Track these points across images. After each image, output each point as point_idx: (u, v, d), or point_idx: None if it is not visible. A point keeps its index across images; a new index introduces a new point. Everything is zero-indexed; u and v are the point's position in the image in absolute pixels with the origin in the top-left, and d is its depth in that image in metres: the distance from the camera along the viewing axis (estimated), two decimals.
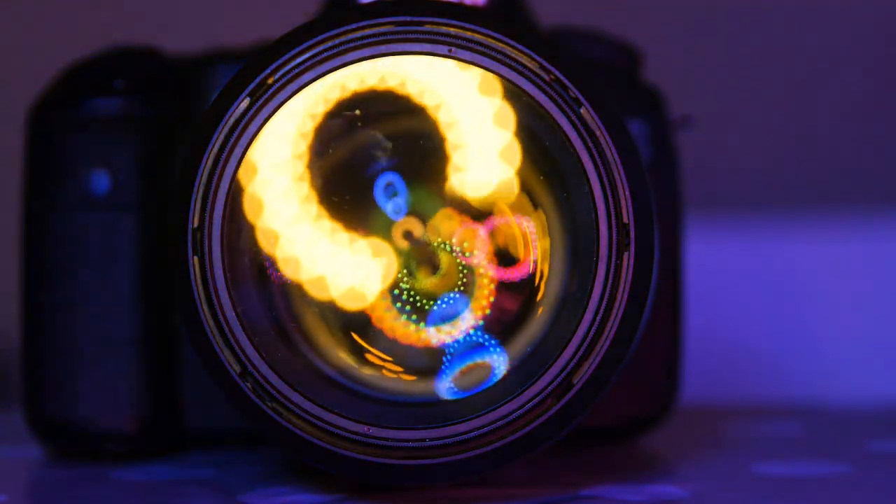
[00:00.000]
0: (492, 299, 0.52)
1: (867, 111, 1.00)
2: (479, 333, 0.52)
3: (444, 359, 0.51)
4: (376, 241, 0.52)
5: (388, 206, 0.52)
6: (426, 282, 0.52)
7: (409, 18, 0.50)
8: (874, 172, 1.00)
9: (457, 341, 0.51)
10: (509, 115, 0.51)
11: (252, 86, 0.50)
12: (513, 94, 0.50)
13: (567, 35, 0.62)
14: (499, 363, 0.51)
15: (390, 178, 0.52)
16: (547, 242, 0.52)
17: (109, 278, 0.57)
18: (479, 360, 0.51)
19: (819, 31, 1.00)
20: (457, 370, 0.51)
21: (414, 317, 0.51)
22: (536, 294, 0.52)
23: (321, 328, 0.52)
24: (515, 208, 0.52)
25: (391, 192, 0.52)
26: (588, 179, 0.49)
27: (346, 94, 0.51)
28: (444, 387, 0.51)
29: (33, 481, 0.58)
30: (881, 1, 1.01)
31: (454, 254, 0.51)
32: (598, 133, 0.49)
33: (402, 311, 0.51)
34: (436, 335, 0.51)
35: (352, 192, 0.52)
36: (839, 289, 0.96)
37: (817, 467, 0.58)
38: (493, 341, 0.51)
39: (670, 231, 0.60)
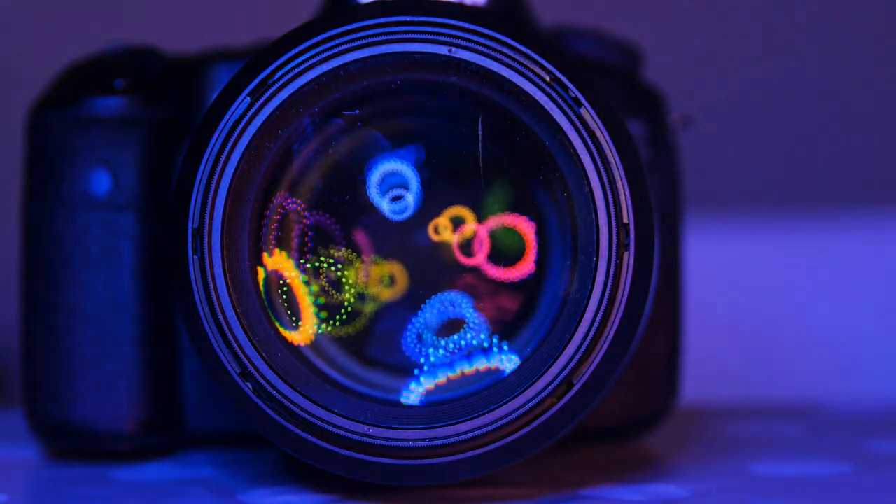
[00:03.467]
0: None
1: (868, 110, 1.00)
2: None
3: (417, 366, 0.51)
4: None
5: (385, 205, 0.52)
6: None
7: (409, 18, 0.50)
8: (875, 172, 1.00)
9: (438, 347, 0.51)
10: None
11: (252, 86, 0.50)
12: None
13: (567, 35, 0.62)
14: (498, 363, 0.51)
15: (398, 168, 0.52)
16: (547, 242, 0.52)
17: (109, 278, 0.57)
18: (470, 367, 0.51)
19: (820, 31, 1.00)
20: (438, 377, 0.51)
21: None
22: (536, 294, 0.52)
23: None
24: (515, 208, 0.52)
25: (395, 187, 0.52)
26: (588, 179, 0.49)
27: None
28: (415, 395, 0.51)
29: (33, 481, 0.58)
30: (880, 3, 1.01)
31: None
32: (598, 133, 0.49)
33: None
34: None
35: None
36: (839, 289, 0.96)
37: (817, 467, 0.58)
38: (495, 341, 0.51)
39: (670, 231, 0.60)
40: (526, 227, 0.52)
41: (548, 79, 0.49)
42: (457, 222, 0.52)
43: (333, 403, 0.50)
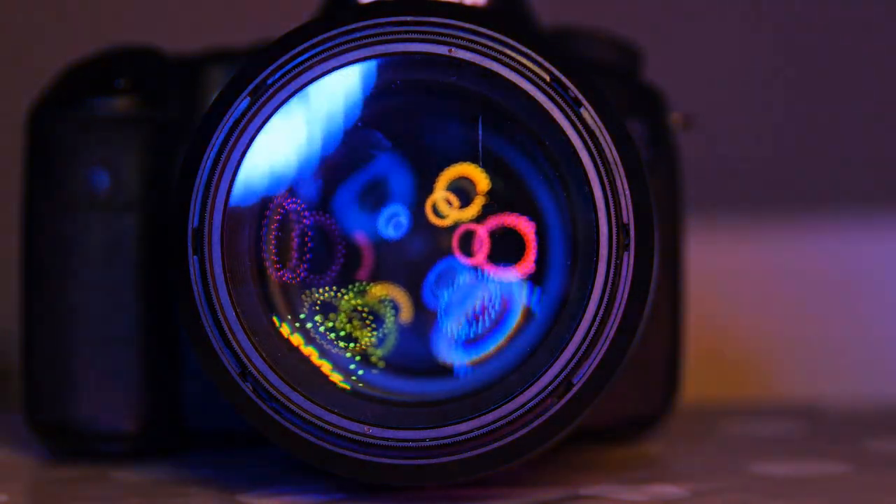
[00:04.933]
0: None
1: (868, 110, 1.00)
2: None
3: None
4: None
5: (390, 230, 0.52)
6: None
7: (409, 18, 0.50)
8: (874, 172, 1.00)
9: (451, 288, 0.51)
10: None
11: (252, 86, 0.50)
12: None
13: (567, 35, 0.62)
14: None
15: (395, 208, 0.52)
16: (547, 242, 0.52)
17: (109, 278, 0.57)
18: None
19: (819, 32, 1.00)
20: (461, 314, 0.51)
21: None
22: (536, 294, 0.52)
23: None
24: (515, 208, 0.52)
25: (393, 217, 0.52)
26: (588, 179, 0.49)
27: None
28: (448, 341, 0.51)
29: (33, 481, 0.58)
30: (882, 3, 1.01)
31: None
32: (598, 133, 0.49)
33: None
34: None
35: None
36: (839, 288, 0.96)
37: (817, 467, 0.58)
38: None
39: (670, 231, 0.60)
40: (526, 227, 0.52)
41: (548, 79, 0.49)
42: (463, 193, 0.52)
43: (333, 403, 0.50)
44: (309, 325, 0.51)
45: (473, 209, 0.51)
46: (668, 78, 0.65)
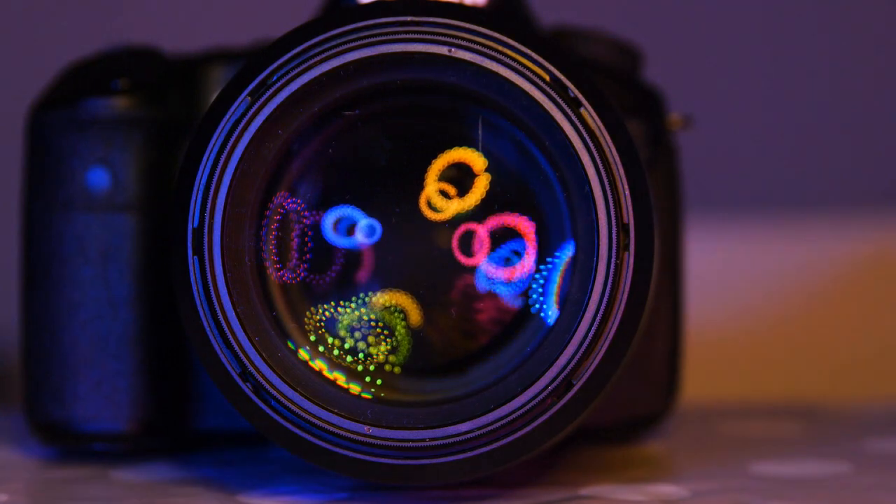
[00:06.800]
0: None
1: (868, 111, 1.00)
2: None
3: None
4: None
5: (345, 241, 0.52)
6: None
7: (409, 18, 0.50)
8: (875, 172, 1.00)
9: None
10: None
11: (252, 86, 0.50)
12: None
13: (567, 35, 0.62)
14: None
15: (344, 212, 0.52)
16: (546, 242, 0.52)
17: (109, 278, 0.57)
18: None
19: (819, 32, 1.00)
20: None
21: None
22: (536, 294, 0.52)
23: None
24: (515, 208, 0.52)
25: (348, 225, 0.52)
26: (588, 179, 0.49)
27: None
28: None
29: (33, 481, 0.58)
30: (880, 3, 1.01)
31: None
32: (598, 133, 0.49)
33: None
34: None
35: None
36: (839, 288, 0.96)
37: (817, 467, 0.58)
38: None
39: (670, 231, 0.60)
40: (526, 227, 0.52)
41: (548, 79, 0.49)
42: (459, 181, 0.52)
43: (333, 403, 0.50)
44: (321, 347, 0.51)
45: (475, 196, 0.51)
46: (668, 78, 0.65)
